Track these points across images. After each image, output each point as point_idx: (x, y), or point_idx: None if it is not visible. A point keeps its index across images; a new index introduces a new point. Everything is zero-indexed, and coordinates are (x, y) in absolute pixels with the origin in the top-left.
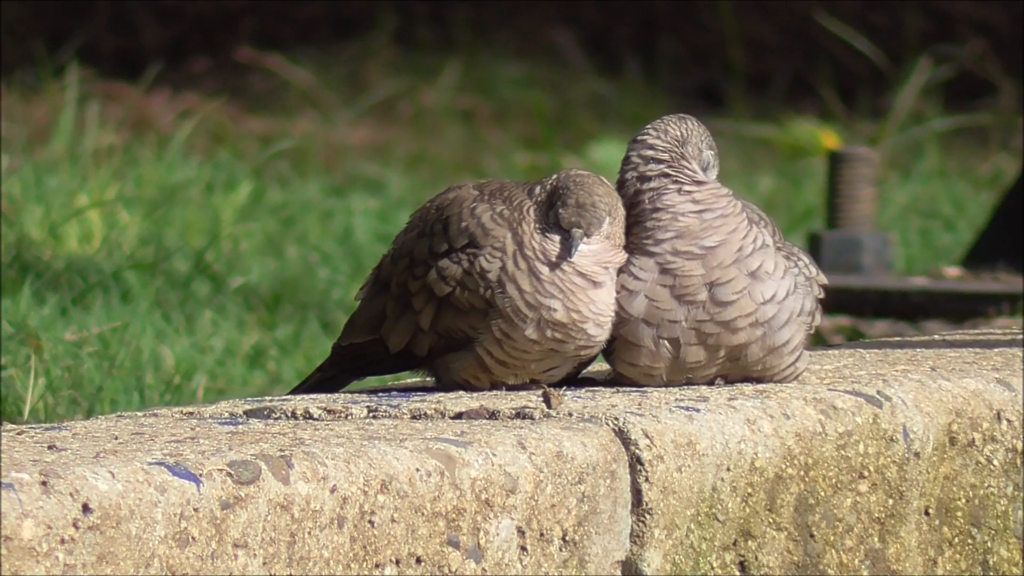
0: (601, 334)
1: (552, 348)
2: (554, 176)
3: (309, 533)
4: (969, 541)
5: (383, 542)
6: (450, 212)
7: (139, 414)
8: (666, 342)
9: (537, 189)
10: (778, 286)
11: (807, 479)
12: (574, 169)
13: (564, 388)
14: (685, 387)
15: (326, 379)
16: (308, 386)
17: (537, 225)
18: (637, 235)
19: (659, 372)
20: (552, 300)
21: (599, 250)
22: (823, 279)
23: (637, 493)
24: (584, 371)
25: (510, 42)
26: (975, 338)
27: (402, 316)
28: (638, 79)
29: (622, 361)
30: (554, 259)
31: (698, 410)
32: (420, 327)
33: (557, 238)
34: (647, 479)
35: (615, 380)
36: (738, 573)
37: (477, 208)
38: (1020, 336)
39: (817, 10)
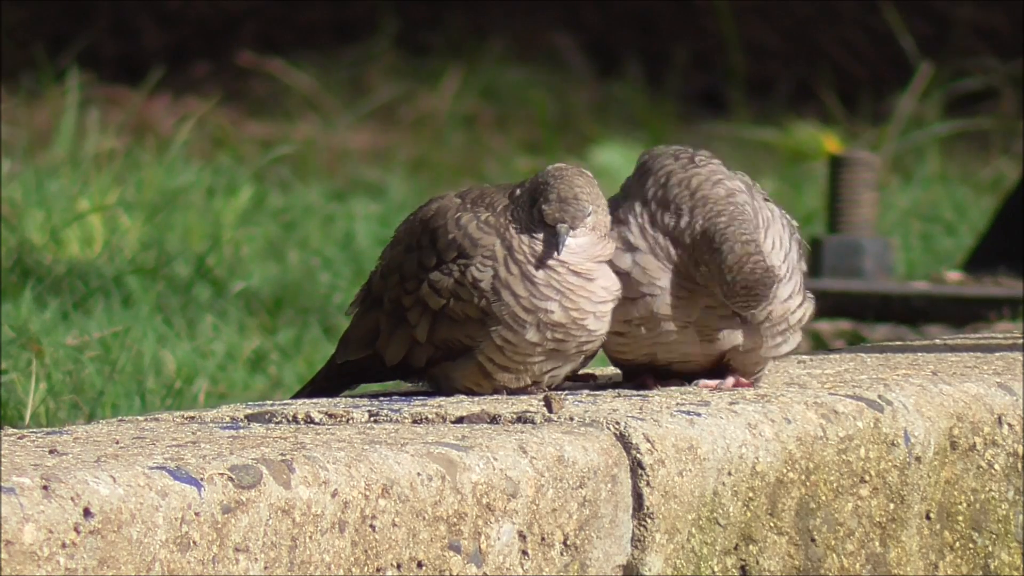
0: (601, 327)
1: (554, 348)
2: (533, 176)
3: (310, 537)
4: (970, 545)
5: (384, 546)
6: (435, 224)
7: (140, 418)
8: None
9: (517, 191)
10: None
11: (808, 483)
12: (555, 165)
13: (565, 392)
14: (687, 391)
15: (318, 391)
16: (308, 392)
17: (520, 226)
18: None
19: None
20: (548, 302)
21: (587, 244)
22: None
23: (638, 497)
24: (586, 368)
25: (511, 46)
26: (976, 342)
27: (396, 330)
28: (639, 83)
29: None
30: (548, 263)
31: (699, 414)
32: (416, 340)
33: (541, 235)
34: (648, 483)
35: (616, 383)
36: None
37: (462, 218)
38: (1021, 340)
39: (828, 12)
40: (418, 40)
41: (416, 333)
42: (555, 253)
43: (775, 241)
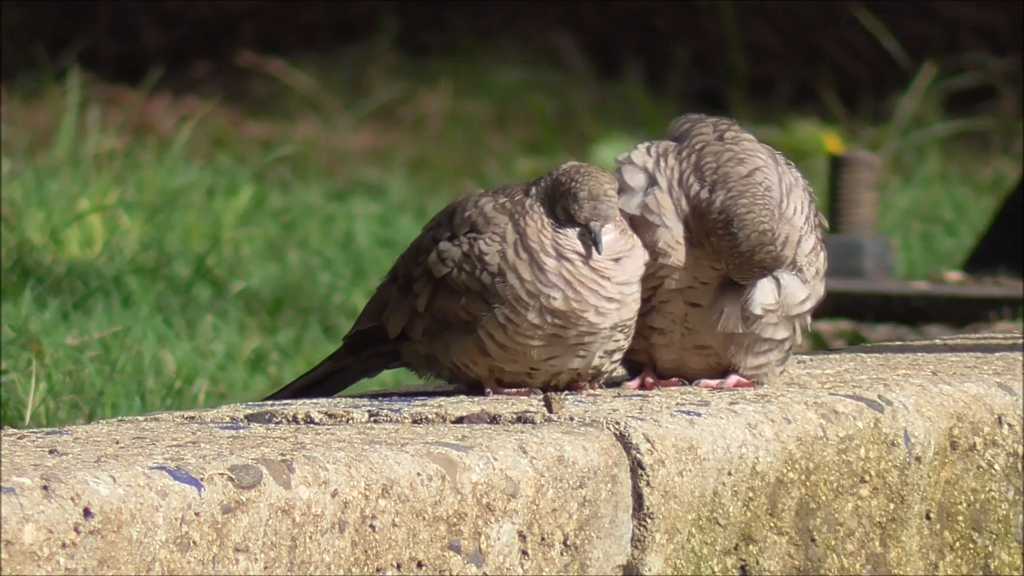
0: (603, 322)
1: (554, 334)
2: (546, 175)
3: (310, 538)
4: (970, 545)
5: (384, 547)
6: (456, 206)
7: (140, 418)
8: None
9: (533, 189)
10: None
11: (808, 483)
12: (569, 163)
13: (565, 392)
14: (687, 391)
15: (337, 369)
16: (317, 375)
17: (547, 221)
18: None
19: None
20: (553, 290)
21: (612, 240)
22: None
23: (638, 497)
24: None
25: (511, 47)
26: (976, 342)
27: (402, 301)
28: (640, 84)
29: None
30: (567, 254)
31: (699, 415)
32: (416, 310)
33: (570, 232)
34: (648, 483)
35: (616, 383)
36: None
37: (481, 200)
38: (1021, 340)
39: (828, 12)
40: (418, 40)
41: (417, 303)
42: (597, 253)
43: (796, 206)
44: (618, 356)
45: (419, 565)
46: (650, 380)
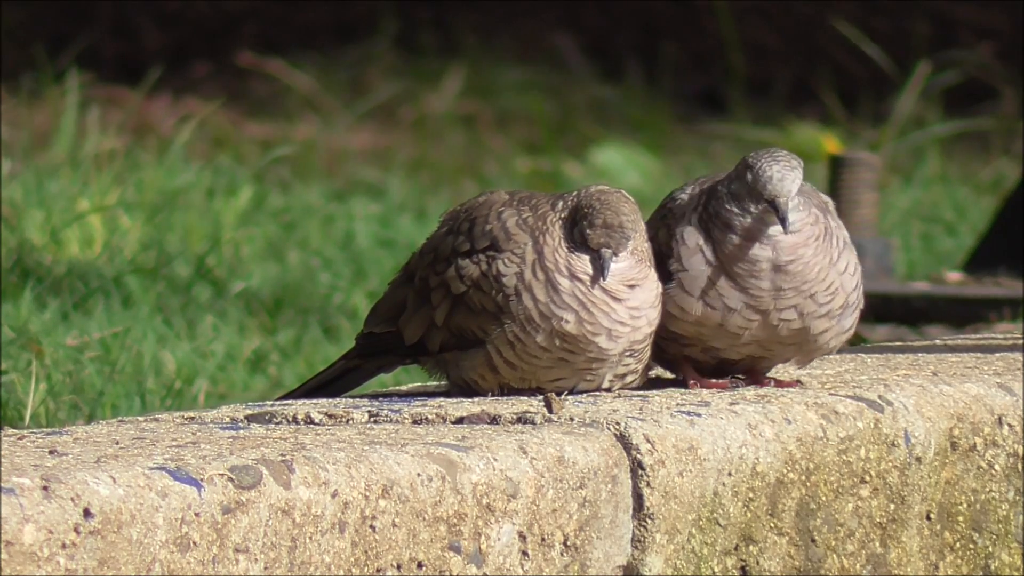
0: (614, 347)
1: (562, 357)
2: (575, 193)
3: (310, 538)
4: (970, 546)
5: (384, 547)
6: (478, 213)
7: (140, 419)
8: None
9: (560, 204)
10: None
11: (809, 484)
12: (595, 186)
13: (565, 393)
14: (687, 392)
15: (350, 368)
16: (331, 374)
17: (564, 242)
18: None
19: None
20: (566, 312)
21: (626, 268)
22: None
23: (638, 498)
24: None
25: (512, 47)
26: (976, 343)
27: (419, 309)
28: (639, 84)
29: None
30: (579, 275)
31: (699, 415)
32: (434, 322)
33: (585, 257)
34: (648, 484)
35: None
36: None
37: (504, 212)
38: (1021, 341)
39: (826, 13)
40: (418, 40)
41: (435, 315)
42: (601, 278)
43: (848, 263)
44: (631, 378)
45: (419, 565)
46: (692, 375)
